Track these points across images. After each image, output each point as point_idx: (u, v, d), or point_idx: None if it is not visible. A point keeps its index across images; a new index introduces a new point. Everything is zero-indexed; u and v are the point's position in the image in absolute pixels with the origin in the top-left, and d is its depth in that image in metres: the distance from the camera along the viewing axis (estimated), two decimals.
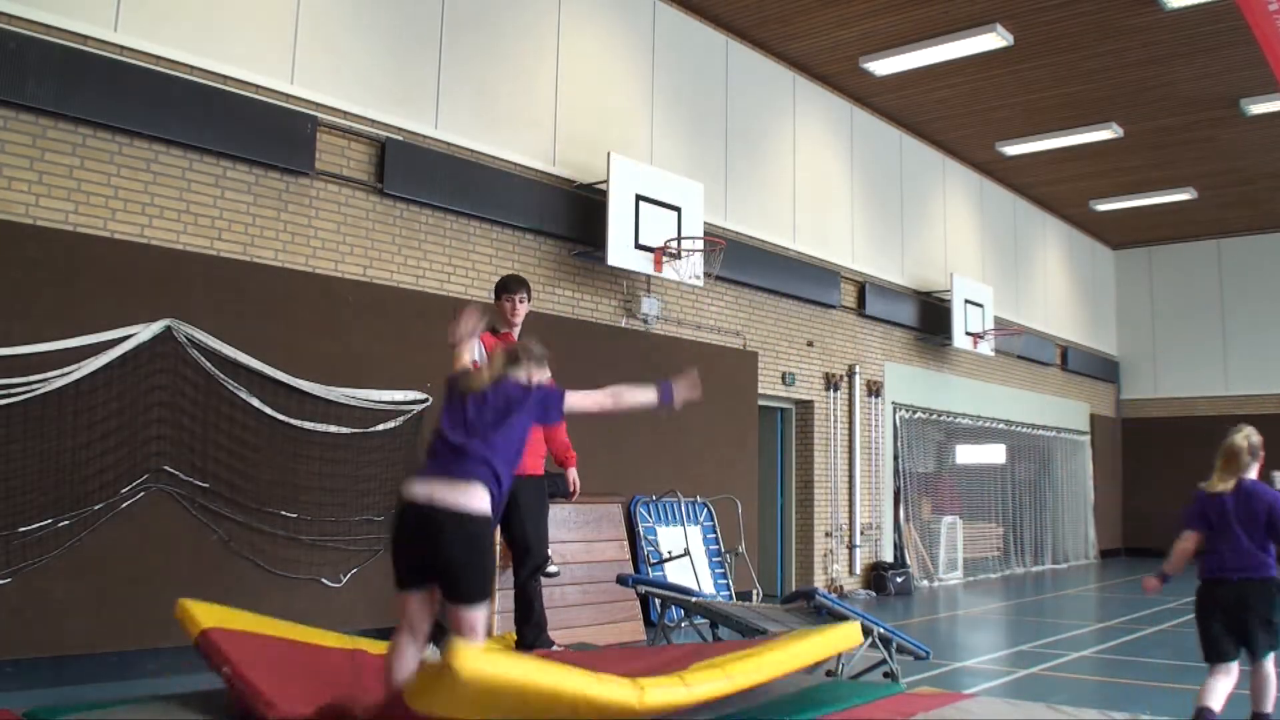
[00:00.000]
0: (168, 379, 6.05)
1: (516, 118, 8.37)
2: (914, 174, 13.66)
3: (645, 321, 9.36)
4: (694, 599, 6.17)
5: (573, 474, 5.75)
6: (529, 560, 5.40)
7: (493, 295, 5.87)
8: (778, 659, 4.13)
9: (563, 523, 7.71)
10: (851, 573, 11.76)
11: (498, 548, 6.57)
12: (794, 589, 10.67)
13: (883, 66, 11.26)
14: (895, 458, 12.79)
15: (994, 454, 15.28)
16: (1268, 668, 4.55)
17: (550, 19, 8.72)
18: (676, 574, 8.63)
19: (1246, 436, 4.64)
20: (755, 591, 9.81)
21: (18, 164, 5.64)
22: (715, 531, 9.52)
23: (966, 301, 13.65)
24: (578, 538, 7.85)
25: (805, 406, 11.56)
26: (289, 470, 6.56)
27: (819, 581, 11.15)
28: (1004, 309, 15.34)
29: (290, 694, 3.82)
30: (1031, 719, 4.55)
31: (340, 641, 4.77)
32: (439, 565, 3.41)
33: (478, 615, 3.46)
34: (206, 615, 4.17)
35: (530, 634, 5.44)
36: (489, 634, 6.74)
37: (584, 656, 5.40)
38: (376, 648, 4.75)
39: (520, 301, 5.60)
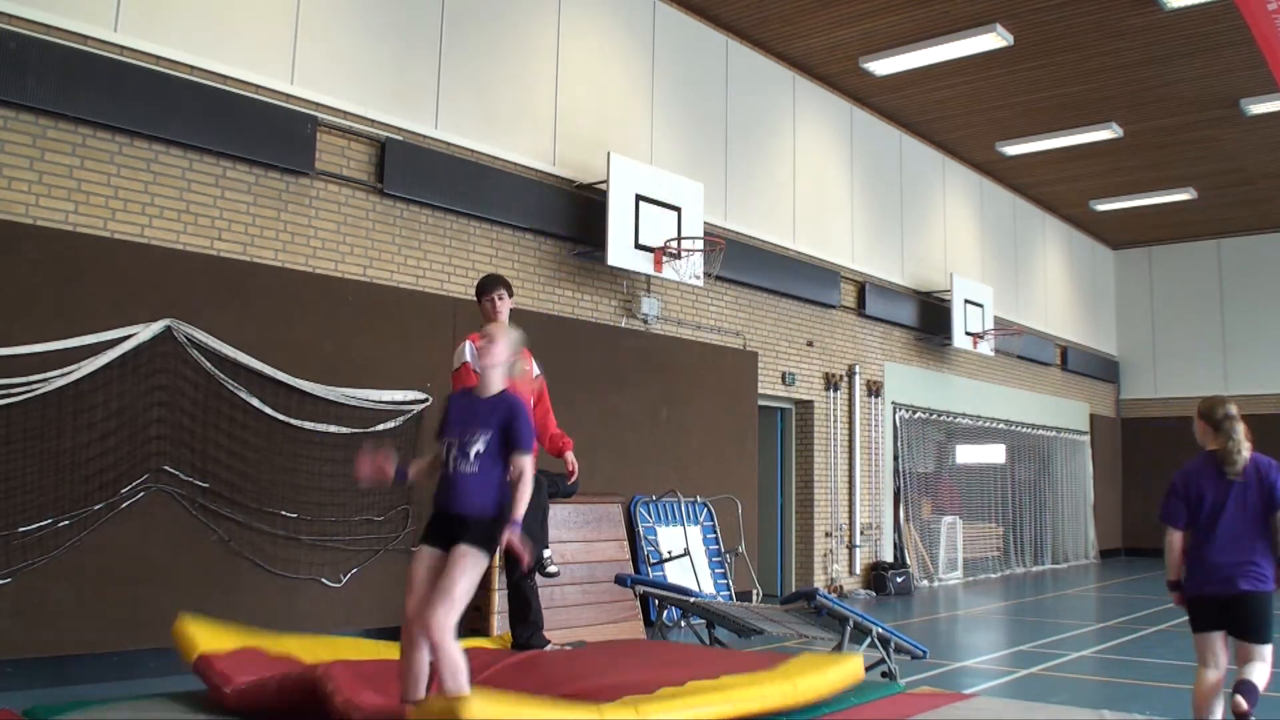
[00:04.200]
0: (168, 379, 6.05)
1: (516, 118, 8.37)
2: (914, 174, 13.66)
3: (645, 321, 9.36)
4: (692, 599, 6.17)
5: (569, 455, 5.67)
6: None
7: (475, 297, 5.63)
8: (762, 693, 4.11)
9: (563, 523, 7.71)
10: (851, 573, 11.76)
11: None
12: (794, 589, 10.68)
13: (883, 66, 11.26)
14: (895, 458, 12.79)
15: (994, 454, 15.28)
16: None
17: (550, 19, 8.73)
18: (676, 574, 8.64)
19: None
20: (755, 591, 9.81)
21: (18, 164, 5.65)
22: (715, 531, 9.52)
23: (966, 301, 13.65)
24: (578, 538, 7.85)
25: (805, 406, 11.57)
26: (289, 470, 6.56)
27: (819, 581, 11.15)
28: (1004, 309, 15.35)
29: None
30: (1031, 719, 4.55)
31: (327, 653, 4.82)
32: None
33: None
34: (205, 638, 4.35)
35: (525, 633, 5.43)
36: (489, 635, 6.74)
37: (581, 655, 5.40)
38: (359, 653, 4.82)
39: (500, 299, 5.52)
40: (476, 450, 3.93)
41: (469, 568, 3.80)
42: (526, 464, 3.97)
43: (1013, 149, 14.07)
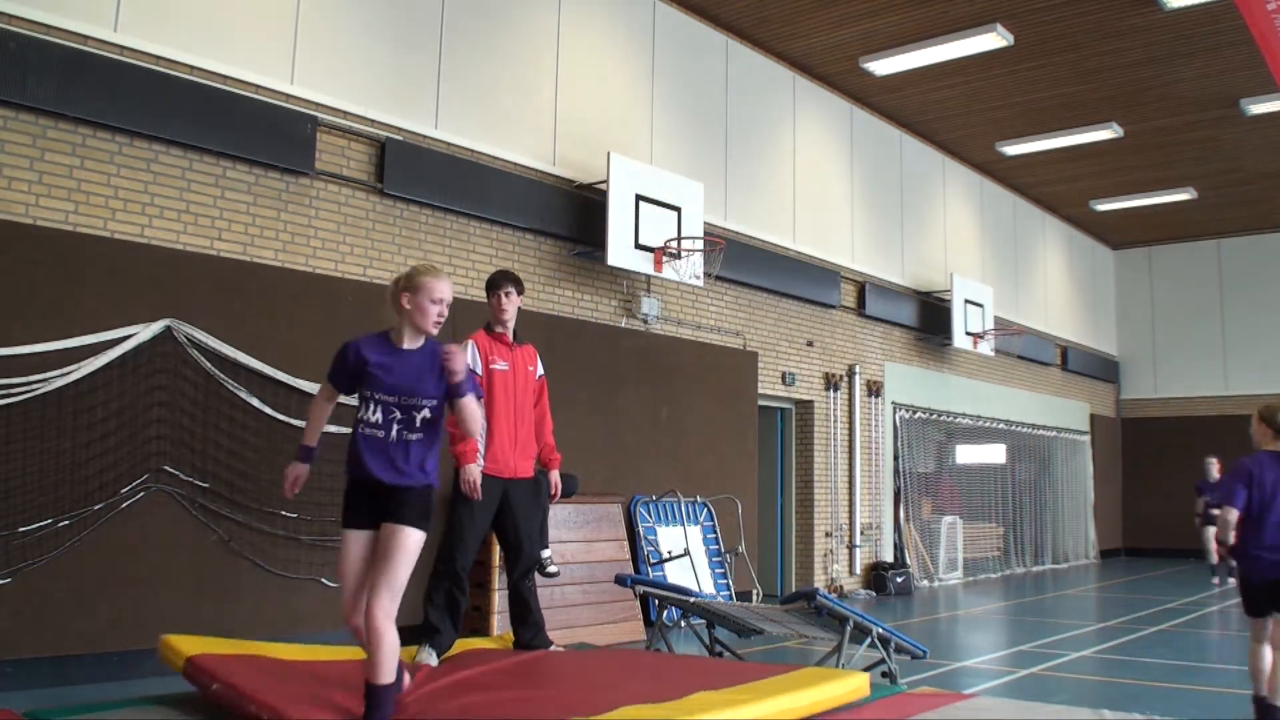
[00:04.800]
0: (168, 379, 6.05)
1: (516, 118, 8.37)
2: (914, 174, 13.66)
3: (645, 321, 9.36)
4: (692, 599, 6.17)
5: (554, 476, 5.71)
6: (520, 561, 5.40)
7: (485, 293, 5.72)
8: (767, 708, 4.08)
9: (563, 523, 7.71)
10: (851, 573, 11.76)
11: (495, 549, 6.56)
12: (794, 589, 10.68)
13: (883, 66, 11.27)
14: (895, 458, 12.79)
15: (994, 454, 15.28)
16: None
17: (550, 19, 8.73)
18: (676, 574, 8.64)
19: None
20: (755, 591, 9.81)
21: (18, 164, 5.65)
22: (715, 531, 9.52)
23: (966, 301, 13.65)
24: (578, 538, 7.85)
25: (805, 406, 11.57)
26: None
27: (819, 581, 11.15)
28: (1004, 309, 15.35)
29: (280, 697, 3.86)
30: (1031, 719, 4.55)
31: (326, 654, 4.80)
32: None
33: None
34: (190, 645, 4.29)
35: (527, 634, 5.44)
36: (489, 635, 6.75)
37: (584, 658, 5.41)
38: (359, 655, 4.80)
39: (507, 295, 5.53)
40: (424, 416, 3.60)
41: (413, 550, 3.55)
42: (471, 403, 3.70)
43: (1013, 149, 14.08)
